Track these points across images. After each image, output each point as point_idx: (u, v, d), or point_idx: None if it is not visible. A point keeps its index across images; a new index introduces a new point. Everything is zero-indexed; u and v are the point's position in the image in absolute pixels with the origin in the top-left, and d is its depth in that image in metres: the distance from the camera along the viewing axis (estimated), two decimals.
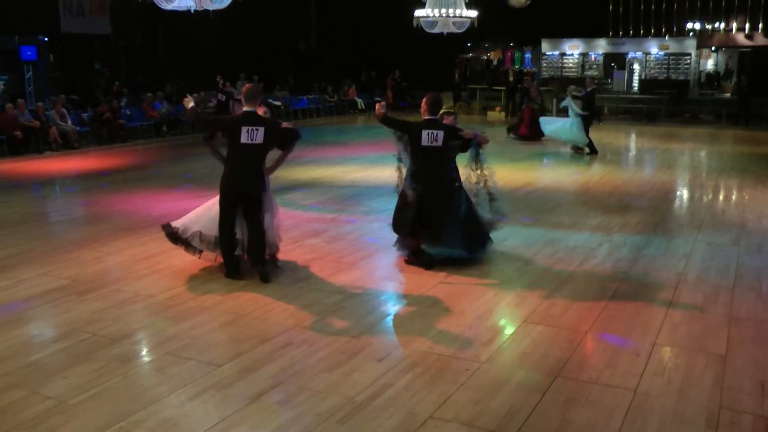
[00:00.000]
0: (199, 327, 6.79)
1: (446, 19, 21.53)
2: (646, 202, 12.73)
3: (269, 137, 7.95)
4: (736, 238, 10.12)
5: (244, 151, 7.88)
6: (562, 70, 33.53)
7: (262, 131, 7.84)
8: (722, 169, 16.72)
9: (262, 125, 7.89)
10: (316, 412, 5.15)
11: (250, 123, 7.84)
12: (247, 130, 7.79)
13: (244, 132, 7.79)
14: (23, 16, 21.67)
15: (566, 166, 17.66)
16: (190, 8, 12.97)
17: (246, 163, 7.93)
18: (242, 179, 7.94)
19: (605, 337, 6.60)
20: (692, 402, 5.35)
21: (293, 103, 28.33)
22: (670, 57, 31.49)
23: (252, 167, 7.97)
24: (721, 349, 6.31)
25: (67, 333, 6.66)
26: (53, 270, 8.61)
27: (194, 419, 5.09)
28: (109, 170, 16.52)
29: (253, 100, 8.06)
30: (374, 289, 8.01)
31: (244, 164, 7.93)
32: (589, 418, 5.11)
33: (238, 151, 7.91)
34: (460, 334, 6.67)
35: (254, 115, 7.98)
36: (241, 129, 7.80)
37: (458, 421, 5.05)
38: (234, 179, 7.95)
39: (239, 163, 7.93)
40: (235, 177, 7.94)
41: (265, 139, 7.89)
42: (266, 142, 7.94)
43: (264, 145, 7.96)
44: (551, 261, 9.00)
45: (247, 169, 7.94)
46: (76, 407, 5.24)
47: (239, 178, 7.94)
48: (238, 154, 7.93)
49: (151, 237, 10.04)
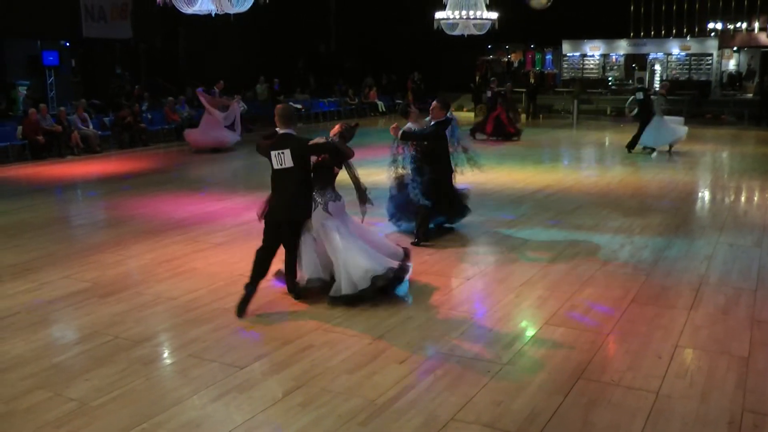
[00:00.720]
0: (220, 329, 6.82)
1: (467, 20, 21.51)
2: (668, 203, 12.65)
3: (298, 158, 7.30)
4: (759, 240, 10.04)
5: (279, 176, 7.38)
6: (583, 72, 33.45)
7: (288, 154, 7.27)
8: (744, 170, 16.58)
9: (288, 147, 7.30)
10: (338, 414, 5.16)
11: (278, 146, 7.31)
12: (275, 155, 7.29)
13: (273, 157, 7.30)
14: (45, 22, 21.84)
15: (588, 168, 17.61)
16: (211, 12, 13.03)
17: (283, 189, 7.43)
18: (281, 206, 7.45)
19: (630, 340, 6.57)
20: (714, 404, 5.31)
21: (314, 106, 28.37)
22: (692, 57, 31.34)
23: (289, 193, 7.39)
24: (744, 351, 6.27)
25: (89, 335, 6.71)
26: (75, 273, 8.67)
27: (217, 421, 5.11)
28: (131, 174, 16.62)
29: (284, 121, 7.46)
30: (395, 291, 8.00)
31: (282, 190, 7.44)
32: (611, 420, 5.09)
33: (275, 177, 7.44)
34: (482, 336, 6.66)
35: (282, 138, 7.37)
36: (270, 154, 7.33)
37: (480, 423, 5.04)
38: (274, 206, 7.50)
39: (277, 189, 7.49)
40: (275, 204, 7.50)
41: (294, 161, 7.27)
42: (297, 164, 7.29)
43: (296, 168, 7.30)
44: (573, 263, 8.96)
45: (284, 195, 7.42)
46: (98, 409, 5.27)
47: (279, 205, 7.46)
48: (275, 180, 7.47)
49: (173, 240, 10.11)
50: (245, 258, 9.11)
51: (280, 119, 7.46)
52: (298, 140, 7.40)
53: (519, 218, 11.40)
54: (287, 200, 7.40)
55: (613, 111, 30.12)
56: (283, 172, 7.32)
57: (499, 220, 11.23)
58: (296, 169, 7.31)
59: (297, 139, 7.41)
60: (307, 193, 7.49)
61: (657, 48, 31.98)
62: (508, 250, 9.59)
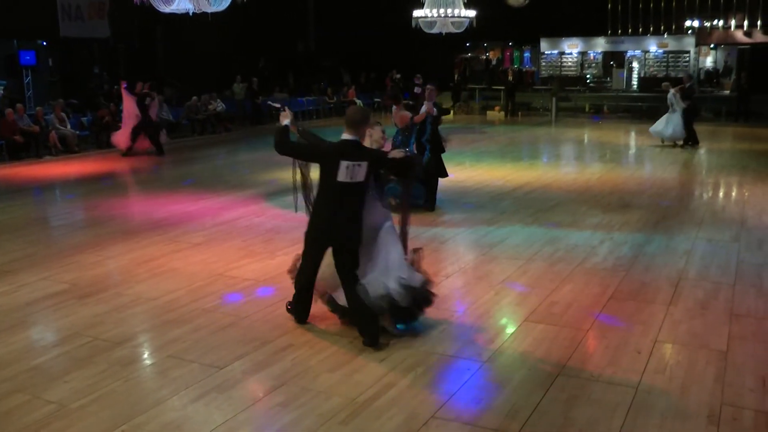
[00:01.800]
0: (200, 329, 6.80)
1: (445, 19, 21.54)
2: (647, 200, 12.73)
3: (370, 173, 6.32)
4: (737, 235, 10.12)
5: (341, 191, 6.23)
6: (561, 69, 33.56)
7: (365, 166, 6.21)
8: (722, 167, 16.71)
9: (367, 158, 6.24)
10: (318, 413, 5.16)
11: (353, 156, 6.17)
12: (347, 166, 6.13)
13: (344, 168, 6.13)
14: (22, 21, 21.65)
15: (567, 165, 17.71)
16: (189, 11, 12.98)
17: (342, 206, 6.27)
18: (336, 227, 6.33)
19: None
20: (694, 398, 5.35)
21: (293, 105, 28.32)
22: (670, 55, 31.52)
23: (351, 213, 6.32)
24: (722, 345, 6.32)
25: (68, 337, 6.66)
26: (54, 274, 8.61)
27: (197, 422, 5.09)
28: (110, 174, 16.53)
29: (357, 127, 6.33)
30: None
31: (340, 208, 6.28)
32: (592, 415, 5.12)
33: (333, 190, 6.26)
34: (462, 333, 6.68)
35: (355, 147, 6.26)
36: (339, 163, 6.15)
37: (460, 420, 5.05)
38: (326, 227, 6.39)
39: (333, 206, 6.30)
40: (327, 224, 6.36)
41: (367, 176, 6.27)
42: (367, 179, 6.30)
43: (365, 184, 6.32)
44: (552, 260, 9.00)
45: (342, 214, 6.28)
46: (78, 411, 5.24)
47: (334, 226, 6.33)
48: (332, 194, 6.28)
49: (152, 240, 10.06)
50: (224, 258, 9.16)
51: (353, 123, 6.31)
52: (374, 152, 6.47)
53: (498, 215, 11.42)
54: (345, 222, 6.30)
55: (591, 108, 30.30)
56: (349, 188, 6.21)
57: (479, 218, 11.25)
58: (365, 184, 6.32)
59: (370, 150, 6.43)
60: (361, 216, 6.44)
61: (635, 45, 32.13)
62: (487, 247, 9.61)
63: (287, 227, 10.65)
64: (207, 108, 23.98)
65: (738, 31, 30.60)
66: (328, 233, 6.37)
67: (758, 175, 14.99)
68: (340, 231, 6.32)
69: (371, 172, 6.31)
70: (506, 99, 30.25)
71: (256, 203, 12.59)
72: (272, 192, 13.50)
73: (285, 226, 10.74)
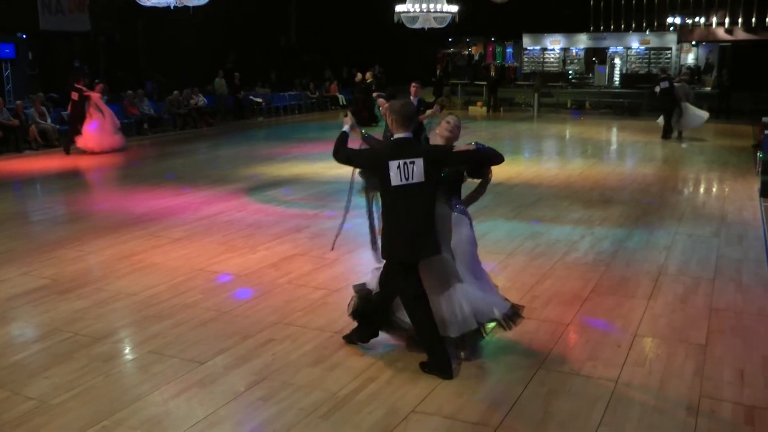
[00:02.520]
0: (181, 324, 6.78)
1: (427, 14, 21.54)
2: (628, 195, 12.79)
3: (431, 171, 5.56)
4: (717, 230, 10.19)
5: (401, 197, 5.54)
6: (544, 65, 33.68)
7: (420, 164, 5.48)
8: (703, 162, 16.81)
9: (420, 155, 5.54)
10: (299, 407, 5.16)
11: (401, 155, 5.50)
12: (398, 166, 5.47)
13: (394, 169, 5.47)
14: (1, 14, 21.46)
15: (548, 160, 17.77)
16: (170, 4, 12.93)
17: (408, 214, 5.56)
18: (408, 239, 5.59)
19: (589, 321, 6.64)
20: (673, 391, 5.39)
21: (275, 100, 28.27)
22: (651, 51, 31.70)
23: (418, 220, 5.57)
24: (702, 339, 6.37)
25: (48, 333, 6.63)
26: (34, 270, 8.56)
27: (178, 417, 5.08)
28: (90, 169, 16.44)
29: (406, 123, 5.68)
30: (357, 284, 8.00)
31: (406, 217, 5.57)
32: (571, 409, 5.14)
33: (392, 198, 5.60)
34: None
35: (407, 143, 5.61)
36: (388, 166, 5.50)
37: (441, 414, 5.06)
38: (396, 241, 5.64)
39: (397, 216, 5.61)
40: (397, 238, 5.63)
41: (427, 174, 5.52)
42: (429, 179, 5.54)
43: (427, 184, 5.55)
44: (533, 254, 9.03)
45: (411, 223, 5.56)
46: (58, 407, 5.21)
47: (405, 239, 5.60)
48: (392, 203, 5.63)
49: (132, 235, 10.02)
50: (205, 253, 9.14)
51: (399, 119, 5.65)
52: (432, 147, 5.81)
53: (479, 210, 11.39)
54: (416, 231, 5.57)
55: (573, 104, 30.41)
56: (408, 191, 5.50)
57: None
58: (428, 185, 5.56)
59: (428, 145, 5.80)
60: (434, 222, 5.70)
61: (617, 42, 32.28)
62: None
63: (268, 222, 10.65)
64: (189, 102, 23.89)
65: (719, 29, 30.82)
66: (405, 248, 5.62)
67: (738, 171, 15.09)
68: (416, 242, 5.59)
69: (433, 170, 5.58)
70: (488, 94, 30.31)
71: (237, 198, 12.56)
72: (253, 187, 13.48)
73: (266, 221, 10.73)
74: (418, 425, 4.93)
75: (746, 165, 15.87)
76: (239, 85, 26.09)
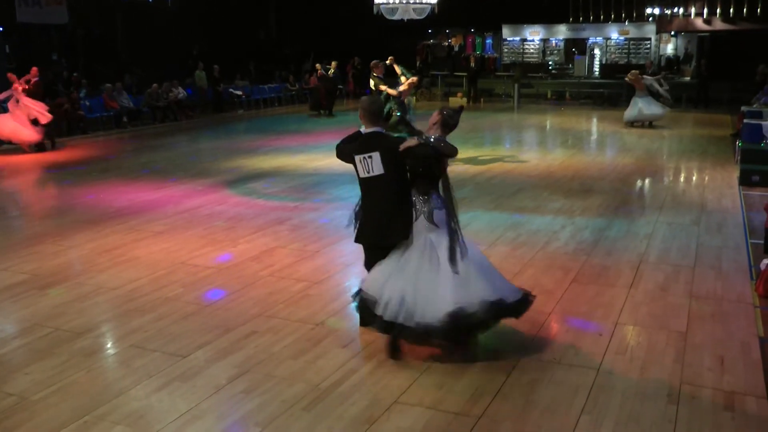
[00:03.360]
0: (163, 318, 6.75)
1: (406, 5, 21.53)
2: (608, 185, 12.84)
3: (389, 164, 5.86)
4: (697, 218, 10.25)
5: (368, 187, 6.01)
6: (523, 56, 33.73)
7: (377, 157, 5.84)
8: (683, 152, 16.90)
9: (376, 149, 5.87)
10: (281, 399, 5.16)
11: (364, 149, 5.90)
12: (360, 160, 5.91)
13: (359, 162, 5.94)
14: None
15: (529, 151, 17.81)
16: None
17: (373, 203, 6.03)
18: (371, 225, 6.05)
19: (571, 321, 6.67)
20: (654, 378, 5.43)
21: (255, 92, 28.16)
22: (631, 42, 31.83)
23: (381, 209, 5.97)
24: (682, 326, 6.41)
25: (28, 328, 6.58)
26: (13, 265, 8.50)
27: (160, 411, 5.07)
28: (69, 163, 16.31)
29: (372, 118, 6.03)
30: (338, 276, 8.01)
31: (372, 205, 6.05)
32: (554, 397, 5.17)
33: (363, 189, 6.10)
34: None
35: (369, 138, 5.95)
36: (354, 159, 5.99)
37: (423, 405, 5.08)
38: (363, 226, 6.13)
39: (365, 203, 6.12)
40: (364, 223, 6.13)
41: (386, 167, 5.85)
42: (389, 171, 5.86)
43: (387, 176, 5.87)
44: (514, 244, 9.06)
45: (375, 211, 6.02)
46: (39, 403, 5.19)
47: (369, 224, 6.07)
48: (363, 192, 6.12)
49: (113, 229, 9.97)
50: (186, 246, 9.11)
51: (366, 115, 6.01)
52: (389, 141, 6.03)
53: (460, 201, 11.37)
54: (378, 218, 5.99)
55: (553, 95, 30.49)
56: (373, 182, 5.92)
57: None
58: (388, 177, 5.88)
59: (387, 139, 6.07)
60: (404, 209, 5.93)
61: (596, 33, 32.36)
62: None
63: (249, 215, 10.62)
64: (168, 95, 23.75)
65: (698, 19, 30.94)
66: (368, 232, 6.07)
67: (717, 160, 15.20)
68: (378, 228, 5.98)
69: (390, 163, 5.82)
70: (468, 85, 30.33)
71: (217, 191, 12.51)
72: (234, 180, 13.44)
73: (247, 214, 10.70)
74: (401, 416, 4.94)
75: (725, 154, 15.99)
76: (219, 77, 25.98)
